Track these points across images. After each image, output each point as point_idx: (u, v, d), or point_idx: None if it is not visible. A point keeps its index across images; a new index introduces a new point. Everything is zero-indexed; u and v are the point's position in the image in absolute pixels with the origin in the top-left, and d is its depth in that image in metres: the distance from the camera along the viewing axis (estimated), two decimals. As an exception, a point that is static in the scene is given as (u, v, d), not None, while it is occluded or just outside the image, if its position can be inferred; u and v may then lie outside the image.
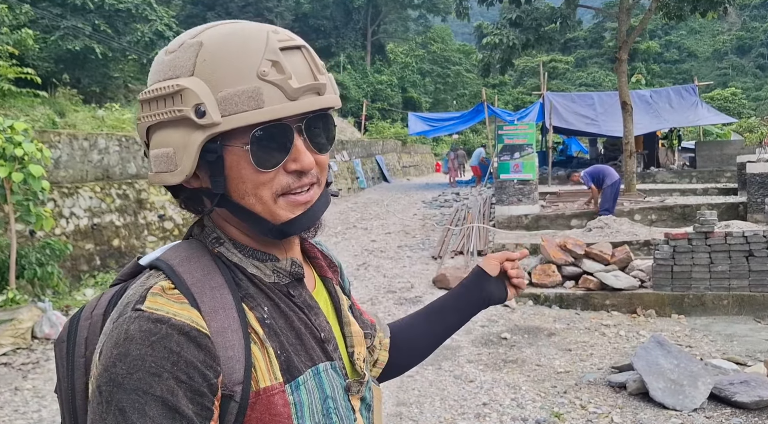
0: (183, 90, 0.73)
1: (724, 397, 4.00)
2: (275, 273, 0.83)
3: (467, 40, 62.16)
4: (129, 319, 0.70)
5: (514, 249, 9.04)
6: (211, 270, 0.78)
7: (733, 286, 6.32)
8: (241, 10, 34.42)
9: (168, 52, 0.78)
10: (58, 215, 7.51)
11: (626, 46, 13.26)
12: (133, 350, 0.68)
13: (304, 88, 0.75)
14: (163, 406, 0.67)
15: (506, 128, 11.89)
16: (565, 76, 54.06)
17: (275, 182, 0.77)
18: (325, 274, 0.94)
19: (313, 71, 0.77)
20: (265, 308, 0.79)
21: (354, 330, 0.91)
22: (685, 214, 10.55)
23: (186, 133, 0.75)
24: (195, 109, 0.73)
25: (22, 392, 4.53)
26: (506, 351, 5.33)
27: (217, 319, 0.74)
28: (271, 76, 0.73)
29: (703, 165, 17.63)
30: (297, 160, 0.77)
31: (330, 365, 0.83)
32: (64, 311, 6.45)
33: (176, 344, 0.69)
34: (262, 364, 0.75)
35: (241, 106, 0.73)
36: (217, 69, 0.74)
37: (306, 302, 0.85)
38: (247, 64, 0.73)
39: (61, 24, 17.92)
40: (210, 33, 0.77)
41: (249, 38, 0.75)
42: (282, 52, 0.75)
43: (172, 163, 0.76)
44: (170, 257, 0.79)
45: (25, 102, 10.46)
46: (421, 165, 33.01)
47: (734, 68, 63.61)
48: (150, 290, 0.73)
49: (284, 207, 0.79)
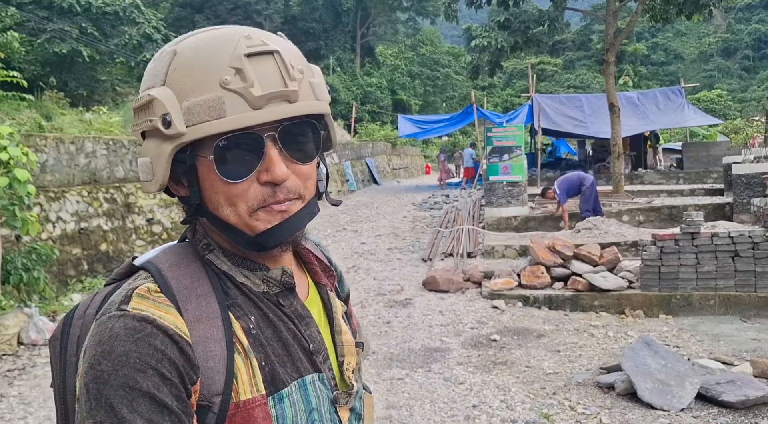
0: (153, 100, 0.73)
1: (710, 397, 4.03)
2: (265, 282, 0.82)
3: (456, 42, 62.37)
4: (114, 318, 0.70)
5: (503, 251, 9.07)
6: (199, 277, 0.77)
7: (719, 286, 6.38)
8: (230, 13, 34.32)
9: (154, 60, 0.78)
10: (44, 220, 7.44)
11: (613, 48, 13.38)
12: (118, 347, 0.68)
13: (269, 95, 0.72)
14: (152, 401, 0.67)
15: (495, 130, 11.94)
16: (553, 78, 54.37)
17: (249, 194, 0.75)
18: (319, 280, 0.92)
19: (284, 77, 0.73)
20: (252, 317, 0.78)
21: (346, 339, 0.89)
22: (672, 215, 10.64)
23: (158, 144, 0.74)
24: (162, 120, 0.72)
25: (8, 399, 4.48)
26: (496, 353, 5.34)
27: (200, 328, 0.73)
28: (233, 85, 0.71)
29: (689, 166, 17.80)
30: (268, 170, 0.74)
31: (317, 377, 0.82)
32: (51, 316, 6.38)
33: (161, 342, 0.69)
34: (245, 375, 0.75)
35: (203, 115, 0.71)
36: (184, 78, 0.73)
37: (296, 312, 0.83)
38: (211, 72, 0.72)
39: (47, 27, 17.79)
40: (187, 41, 0.76)
41: (219, 45, 0.73)
42: (248, 59, 0.72)
43: (149, 173, 0.76)
44: (161, 261, 0.78)
45: (10, 106, 10.37)
46: (411, 167, 33.05)
47: (720, 70, 64.27)
48: (135, 290, 0.73)
49: (261, 218, 0.76)
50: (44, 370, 5.06)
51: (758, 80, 59.82)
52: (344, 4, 41.23)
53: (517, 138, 11.57)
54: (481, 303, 6.92)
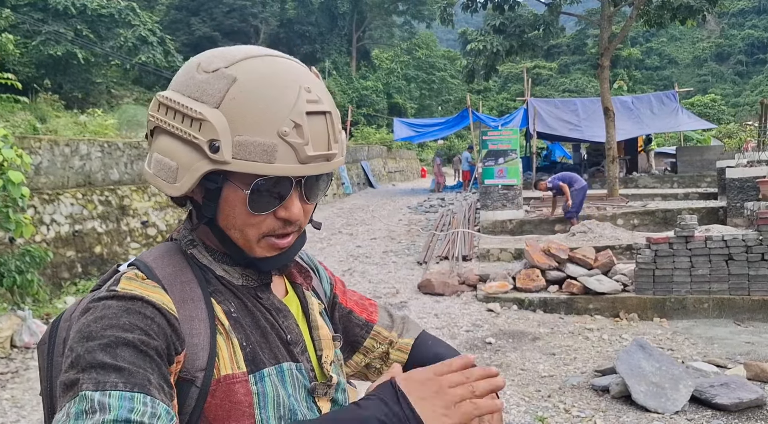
0: (205, 121, 0.75)
1: (704, 399, 4.05)
2: (244, 277, 0.87)
3: (452, 46, 62.56)
4: (104, 297, 0.74)
5: (498, 254, 9.09)
6: (182, 267, 0.83)
7: (713, 289, 6.41)
8: (226, 16, 34.31)
9: (201, 70, 0.79)
10: (38, 222, 7.41)
11: (608, 52, 13.44)
12: (109, 314, 0.71)
13: (317, 156, 0.78)
14: (135, 349, 0.69)
15: (490, 134, 11.96)
16: (548, 82, 54.58)
17: (264, 225, 0.81)
18: (294, 279, 0.97)
19: (330, 140, 0.80)
20: (232, 303, 0.84)
21: (323, 334, 0.94)
22: (666, 218, 10.68)
23: (194, 158, 0.77)
24: (210, 144, 0.75)
25: (1, 402, 4.45)
26: (491, 356, 5.35)
27: (185, 308, 0.78)
28: (290, 138, 0.76)
29: (684, 170, 17.87)
30: (287, 209, 0.81)
31: (295, 367, 0.86)
32: (45, 319, 6.35)
33: (150, 312, 0.73)
34: (226, 353, 0.79)
35: (253, 155, 0.75)
36: (243, 112, 0.75)
37: (274, 305, 0.88)
38: (271, 117, 0.75)
39: (42, 29, 17.75)
40: (246, 68, 0.77)
41: (281, 89, 0.77)
42: (307, 116, 0.77)
43: (172, 177, 0.79)
44: (144, 255, 0.85)
45: (5, 107, 10.34)
46: (407, 170, 33.08)
47: (714, 75, 64.70)
48: (124, 274, 0.78)
49: (263, 247, 0.83)
50: (37, 373, 5.03)
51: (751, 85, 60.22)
52: (340, 7, 41.31)
53: (512, 141, 11.59)
54: (477, 306, 6.93)
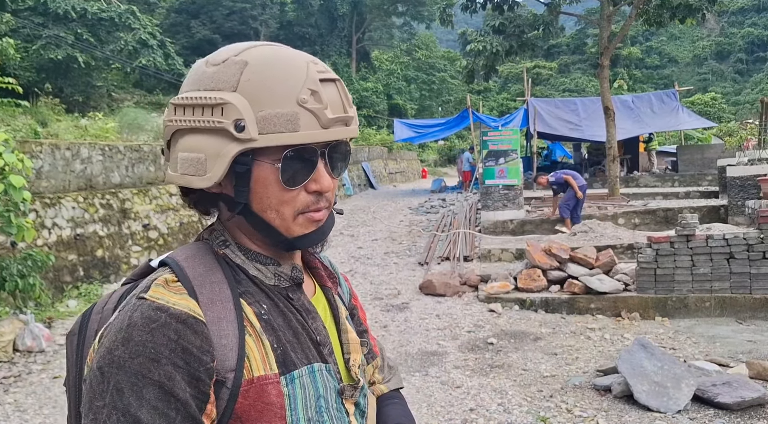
0: (226, 104, 0.78)
1: (707, 398, 4.04)
2: (276, 276, 0.88)
3: (452, 46, 62.55)
4: (133, 306, 0.76)
5: (500, 254, 9.09)
6: (213, 267, 0.84)
7: (715, 288, 6.40)
8: (226, 19, 34.35)
9: (210, 64, 0.83)
10: (40, 226, 7.43)
11: (608, 52, 13.44)
12: (135, 336, 0.73)
13: (336, 118, 0.82)
14: (160, 389, 0.72)
15: (491, 134, 11.96)
16: (548, 82, 54.56)
17: (297, 200, 0.84)
18: (324, 283, 0.99)
19: (344, 104, 0.84)
20: (264, 305, 0.84)
21: (351, 338, 0.95)
22: (667, 217, 10.67)
23: (221, 144, 0.79)
24: (235, 124, 0.78)
25: (3, 406, 4.46)
26: (492, 356, 5.35)
27: (213, 309, 0.79)
28: (310, 104, 0.79)
29: (684, 169, 17.87)
30: (318, 181, 0.84)
31: (324, 367, 0.87)
32: (47, 322, 6.37)
33: (174, 332, 0.74)
34: (257, 354, 0.80)
35: (278, 127, 0.79)
36: (260, 89, 0.79)
37: (304, 306, 0.89)
38: (288, 89, 0.79)
39: (43, 33, 17.78)
40: (254, 53, 0.82)
41: (291, 65, 0.81)
42: (321, 83, 0.81)
43: (202, 169, 0.81)
44: (177, 254, 0.85)
45: (6, 112, 10.35)
46: (408, 171, 33.08)
47: (714, 73, 64.65)
48: (155, 281, 0.80)
49: (301, 223, 0.85)
50: (39, 377, 5.04)
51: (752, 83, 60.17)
52: (339, 9, 41.34)
53: (512, 142, 11.59)
54: (478, 307, 6.93)
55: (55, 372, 5.12)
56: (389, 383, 1.14)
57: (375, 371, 1.11)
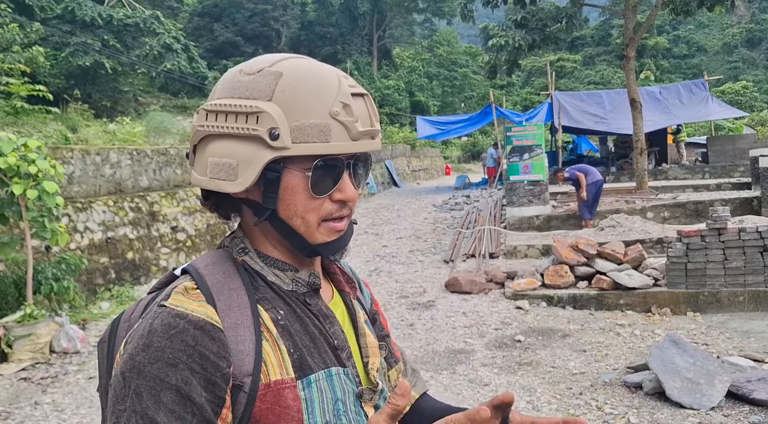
0: (262, 112, 0.81)
1: (741, 395, 3.96)
2: (294, 282, 0.90)
3: (473, 42, 62.11)
4: (154, 314, 0.80)
5: (526, 251, 9.02)
6: (231, 274, 0.86)
7: (748, 282, 6.26)
8: (248, 21, 34.65)
9: (244, 73, 0.86)
10: (72, 230, 7.61)
11: (633, 43, 13.20)
12: (155, 342, 0.76)
13: (365, 132, 0.85)
14: (177, 393, 0.75)
15: (515, 129, 11.86)
16: (573, 75, 53.80)
17: (322, 208, 0.86)
18: (342, 288, 1.00)
19: (372, 118, 0.88)
20: (281, 311, 0.86)
21: (369, 341, 0.97)
22: (698, 210, 10.46)
23: (254, 150, 0.82)
24: (269, 132, 0.81)
25: (42, 406, 4.59)
26: (520, 354, 5.31)
27: (231, 315, 0.81)
28: (342, 117, 0.82)
29: (715, 160, 17.47)
30: (343, 191, 0.87)
31: (342, 371, 0.88)
32: (81, 324, 6.52)
33: (192, 338, 0.77)
34: (274, 359, 0.82)
35: (311, 137, 0.81)
36: (295, 100, 0.82)
37: (321, 311, 0.91)
38: (321, 101, 0.82)
39: (71, 40, 18.18)
40: (287, 65, 0.85)
41: (324, 78, 0.84)
42: (351, 97, 0.84)
43: (233, 174, 0.83)
44: (198, 262, 0.88)
45: (37, 119, 10.62)
46: (431, 169, 33.00)
47: (745, 61, 62.96)
48: (175, 289, 0.83)
49: (323, 232, 0.88)
50: (75, 377, 5.17)
51: (784, 70, 58.45)
52: (360, 7, 41.35)
53: (537, 137, 11.49)
54: (505, 304, 6.89)
55: (90, 373, 5.25)
56: (415, 388, 1.14)
57: (399, 376, 1.12)
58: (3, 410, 4.51)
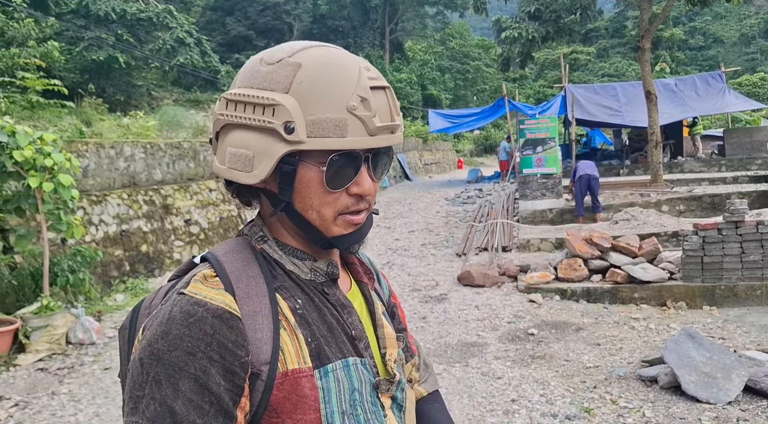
0: (277, 105, 0.80)
1: (759, 389, 3.91)
2: (312, 271, 0.90)
3: (486, 34, 61.68)
4: (173, 301, 0.80)
5: (539, 244, 8.97)
6: (250, 262, 0.86)
7: (766, 275, 6.17)
8: (260, 14, 34.69)
9: (264, 63, 0.84)
10: (87, 223, 7.68)
11: (649, 34, 13.02)
12: (174, 330, 0.76)
13: (383, 127, 0.83)
14: (195, 382, 0.75)
15: (528, 122, 11.77)
16: (587, 68, 53.27)
17: (339, 202, 0.85)
18: (360, 279, 1.00)
19: (392, 112, 0.85)
20: (299, 300, 0.86)
21: (387, 332, 0.96)
22: (714, 203, 10.33)
23: (270, 143, 0.81)
24: (284, 126, 0.79)
25: (59, 396, 4.65)
26: (534, 347, 5.29)
27: (249, 303, 0.81)
28: (359, 111, 0.81)
29: (732, 153, 17.23)
30: (360, 185, 0.85)
31: (360, 362, 0.88)
32: (96, 316, 6.59)
33: (210, 326, 0.77)
34: (291, 348, 0.82)
35: (326, 131, 0.80)
36: (312, 93, 0.80)
37: (339, 301, 0.91)
38: (339, 95, 0.80)
39: (85, 35, 18.31)
40: (308, 55, 0.83)
41: (344, 70, 0.82)
42: (371, 91, 0.82)
43: (249, 165, 0.83)
44: (217, 250, 0.89)
45: (53, 113, 10.72)
46: (443, 162, 32.90)
47: (763, 52, 61.93)
48: (194, 276, 0.83)
49: (340, 224, 0.87)
50: (91, 368, 5.23)
51: (803, 62, 57.46)
52: (372, 0, 41.23)
53: (550, 129, 11.40)
54: (518, 297, 6.86)
55: (105, 364, 5.31)
56: (426, 385, 1.15)
57: (413, 370, 1.12)
58: (21, 399, 4.57)
